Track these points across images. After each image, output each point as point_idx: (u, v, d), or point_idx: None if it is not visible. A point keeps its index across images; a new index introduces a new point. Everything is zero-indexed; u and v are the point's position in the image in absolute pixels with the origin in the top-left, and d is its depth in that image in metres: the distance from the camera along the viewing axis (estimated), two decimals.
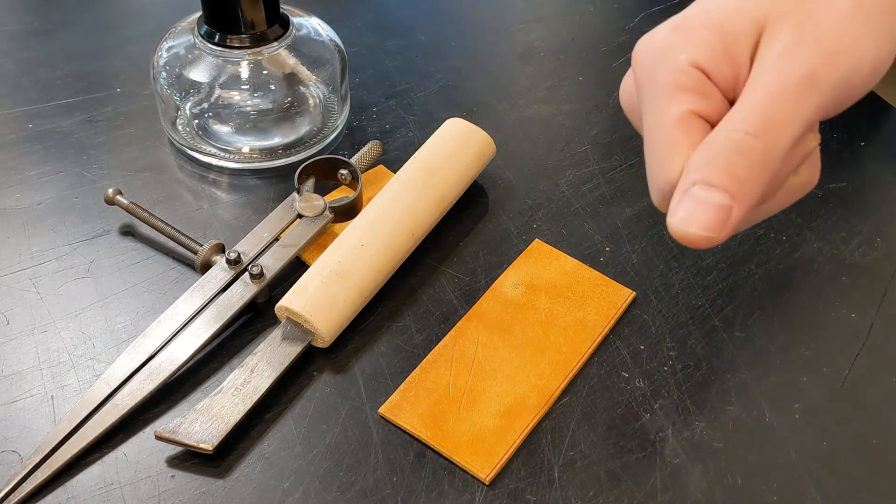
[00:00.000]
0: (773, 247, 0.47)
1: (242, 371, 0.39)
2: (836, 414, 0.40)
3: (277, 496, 0.36)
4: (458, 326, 0.42)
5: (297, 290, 0.41)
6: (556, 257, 0.46)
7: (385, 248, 0.43)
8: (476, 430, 0.38)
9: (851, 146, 0.53)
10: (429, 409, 0.39)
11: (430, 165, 0.46)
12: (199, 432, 0.37)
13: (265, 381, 0.39)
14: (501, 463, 0.37)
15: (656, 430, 0.39)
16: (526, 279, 0.44)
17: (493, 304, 0.43)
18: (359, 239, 0.43)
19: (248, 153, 0.50)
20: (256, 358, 0.39)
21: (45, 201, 0.48)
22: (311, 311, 0.40)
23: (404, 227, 0.44)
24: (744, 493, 0.37)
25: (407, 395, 0.39)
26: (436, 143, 0.47)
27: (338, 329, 0.41)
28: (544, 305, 0.43)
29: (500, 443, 0.38)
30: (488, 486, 0.37)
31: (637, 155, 0.52)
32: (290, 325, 0.40)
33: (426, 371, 0.40)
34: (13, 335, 0.42)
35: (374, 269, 0.42)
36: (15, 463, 0.37)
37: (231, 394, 0.38)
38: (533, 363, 0.41)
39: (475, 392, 0.39)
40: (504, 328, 0.42)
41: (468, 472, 0.37)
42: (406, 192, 0.45)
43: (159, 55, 0.50)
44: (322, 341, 0.40)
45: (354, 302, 0.41)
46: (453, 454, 0.37)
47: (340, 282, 0.41)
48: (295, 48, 0.49)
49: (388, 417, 0.39)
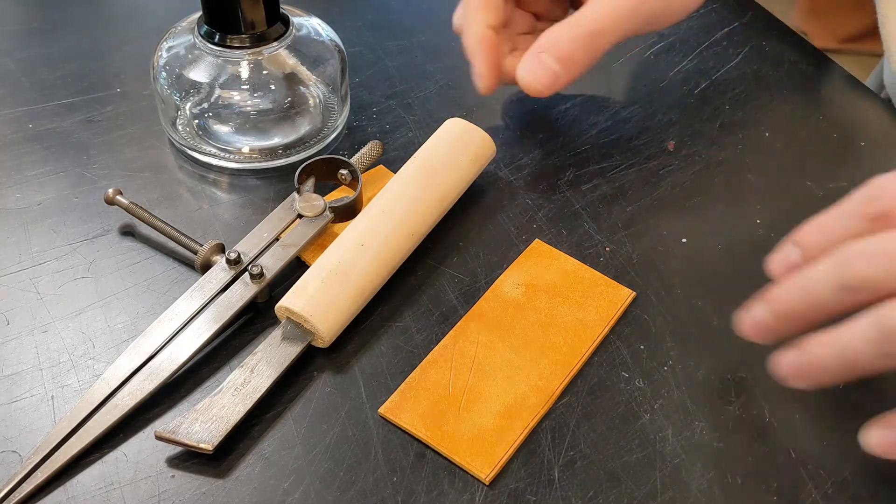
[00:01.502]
0: (772, 246, 0.47)
1: (242, 371, 0.39)
2: (836, 414, 0.40)
3: (277, 496, 0.36)
4: (458, 326, 0.42)
5: (296, 291, 0.41)
6: (556, 257, 0.46)
7: (385, 249, 0.43)
8: (476, 430, 0.38)
9: (851, 146, 0.53)
10: (429, 409, 0.39)
11: (429, 165, 0.46)
12: (199, 432, 0.37)
13: (265, 381, 0.39)
14: (501, 463, 0.37)
15: (656, 430, 0.39)
16: (526, 279, 0.44)
17: (494, 305, 0.43)
18: (359, 239, 0.43)
19: (248, 153, 0.50)
20: (256, 358, 0.39)
21: (45, 201, 0.48)
22: (311, 312, 0.40)
23: (404, 227, 0.44)
24: (744, 493, 0.37)
25: (407, 396, 0.39)
26: (436, 142, 0.47)
27: (338, 329, 0.41)
28: (544, 305, 0.43)
29: (500, 443, 0.38)
30: (488, 486, 0.37)
31: (637, 155, 0.52)
32: (290, 326, 0.40)
33: (426, 371, 0.40)
34: (13, 335, 0.42)
35: (374, 270, 0.42)
36: (15, 463, 0.37)
37: (231, 394, 0.38)
38: (533, 363, 0.41)
39: (475, 392, 0.39)
40: (504, 328, 0.42)
41: (468, 473, 0.37)
42: (406, 192, 0.45)
43: (159, 55, 0.50)
44: (322, 341, 0.40)
45: (354, 302, 0.41)
46: (453, 454, 0.37)
47: (340, 282, 0.41)
48: (295, 48, 0.50)
49: (388, 417, 0.39)
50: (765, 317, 0.35)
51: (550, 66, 0.45)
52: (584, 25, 0.45)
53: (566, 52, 0.45)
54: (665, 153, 0.52)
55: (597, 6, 0.45)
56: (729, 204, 0.49)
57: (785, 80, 0.58)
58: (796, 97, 0.57)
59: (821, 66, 0.60)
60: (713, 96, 0.57)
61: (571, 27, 0.45)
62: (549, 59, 0.45)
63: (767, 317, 0.35)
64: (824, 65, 0.60)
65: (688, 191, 0.50)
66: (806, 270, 0.34)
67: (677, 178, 0.51)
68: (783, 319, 0.35)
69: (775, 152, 0.53)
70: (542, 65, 0.45)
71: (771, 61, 0.60)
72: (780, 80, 0.58)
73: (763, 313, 0.35)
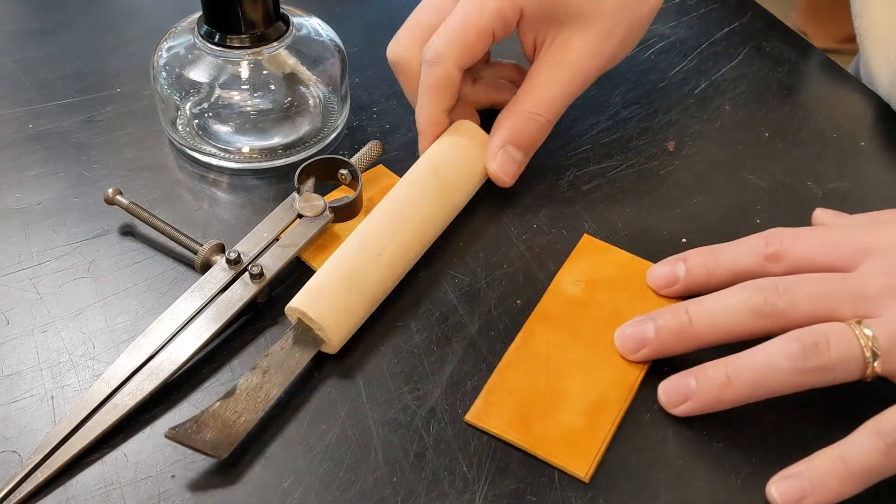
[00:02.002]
0: None
1: (255, 374, 0.38)
2: (836, 414, 0.39)
3: (277, 496, 0.36)
4: (526, 328, 0.42)
5: (312, 294, 0.40)
6: (607, 251, 0.46)
7: (400, 259, 0.43)
8: (565, 429, 0.38)
9: (851, 146, 0.53)
10: (516, 413, 0.38)
11: (443, 170, 0.46)
12: (212, 439, 0.36)
13: (276, 388, 0.38)
14: (597, 459, 0.37)
15: (656, 430, 0.39)
16: (583, 275, 0.44)
17: (556, 304, 0.43)
18: (375, 248, 0.42)
19: (248, 153, 0.50)
20: (268, 361, 0.39)
21: (45, 201, 0.48)
22: (327, 321, 0.39)
23: (420, 237, 0.44)
24: (744, 493, 0.37)
25: (490, 401, 0.39)
26: (446, 146, 0.47)
27: (347, 339, 0.41)
28: (606, 300, 0.43)
29: (591, 440, 0.38)
30: (488, 486, 0.37)
31: (637, 155, 0.52)
32: (302, 329, 0.40)
33: (503, 375, 0.40)
34: (13, 335, 0.42)
35: (389, 280, 0.42)
36: (15, 463, 0.37)
37: (244, 398, 0.38)
38: (606, 359, 0.41)
39: (556, 392, 0.39)
40: (572, 327, 0.42)
41: (566, 473, 0.37)
42: (423, 199, 0.45)
43: (159, 55, 0.50)
44: (330, 349, 0.40)
45: (367, 312, 0.42)
46: (549, 456, 0.37)
47: (357, 292, 0.41)
48: (295, 48, 0.50)
49: (475, 424, 0.38)
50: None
51: (517, 158, 0.47)
52: (545, 113, 0.46)
53: (529, 142, 0.47)
54: (665, 153, 0.52)
55: (548, 88, 0.46)
56: (729, 204, 0.49)
57: (785, 80, 0.58)
58: (796, 97, 0.57)
59: (821, 66, 0.60)
60: (713, 96, 0.57)
61: (532, 118, 0.46)
62: (515, 151, 0.47)
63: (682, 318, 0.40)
64: (824, 65, 0.60)
65: (688, 191, 0.50)
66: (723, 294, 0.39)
67: (677, 178, 0.51)
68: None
69: (775, 152, 0.53)
70: (511, 159, 0.47)
71: (771, 61, 0.60)
72: (780, 80, 0.58)
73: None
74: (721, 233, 0.47)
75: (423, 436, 0.38)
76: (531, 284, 0.45)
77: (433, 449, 0.38)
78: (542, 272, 0.45)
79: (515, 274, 0.45)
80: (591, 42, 0.46)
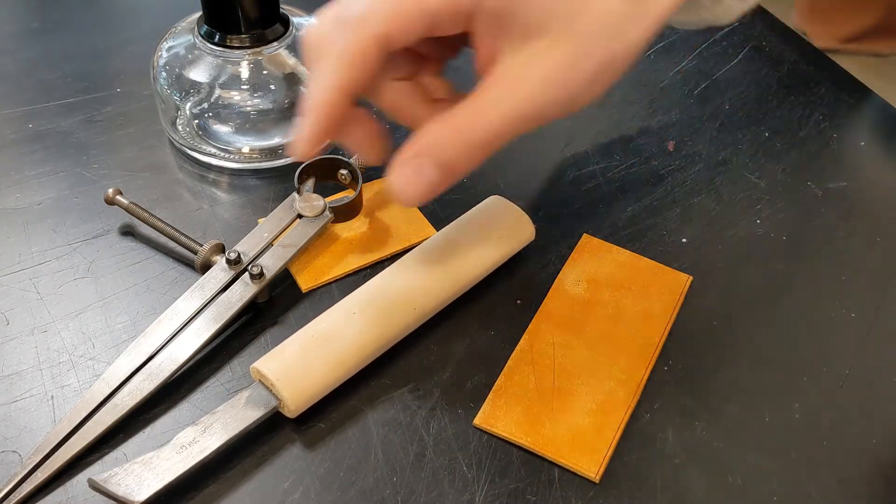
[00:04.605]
0: (772, 246, 0.47)
1: (194, 430, 0.36)
2: (836, 414, 0.40)
3: (277, 496, 0.36)
4: (531, 329, 0.42)
5: (273, 353, 0.38)
6: (608, 250, 0.46)
7: (379, 320, 0.39)
8: (574, 430, 0.38)
9: (851, 146, 0.53)
10: (523, 415, 0.38)
11: (452, 238, 0.43)
12: (130, 485, 0.34)
13: (214, 441, 0.36)
14: (606, 459, 0.37)
15: (656, 430, 0.39)
16: (585, 275, 0.44)
17: (560, 303, 0.43)
18: (353, 306, 0.40)
19: (248, 153, 0.50)
20: (214, 417, 0.37)
21: (45, 201, 0.48)
22: (279, 377, 0.37)
23: (407, 300, 0.40)
24: (744, 493, 0.37)
25: (498, 404, 0.39)
26: (467, 218, 0.44)
27: (308, 401, 0.38)
28: (609, 299, 0.43)
29: (600, 440, 0.38)
30: (488, 486, 0.37)
31: (637, 155, 0.52)
32: (260, 388, 0.38)
33: (510, 377, 0.40)
34: (13, 335, 0.42)
35: (362, 342, 0.39)
36: (15, 463, 0.37)
37: (176, 451, 0.36)
38: (612, 358, 0.41)
39: (563, 393, 0.39)
40: (576, 326, 0.42)
41: (568, 472, 0.37)
42: (418, 263, 0.42)
43: (159, 55, 0.50)
44: (288, 411, 0.37)
45: (333, 373, 0.38)
46: (558, 457, 0.37)
47: (321, 349, 0.38)
48: (295, 48, 0.50)
49: (484, 428, 0.38)
50: None
51: (428, 176, 0.35)
52: (482, 132, 0.34)
53: (451, 163, 0.35)
54: (665, 153, 0.53)
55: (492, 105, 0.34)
56: (728, 204, 0.49)
57: (785, 80, 0.58)
58: (796, 97, 0.57)
59: (821, 66, 0.60)
60: (713, 96, 0.57)
61: (462, 131, 0.34)
62: (430, 167, 0.34)
63: None
64: (824, 65, 0.60)
65: (688, 191, 0.50)
66: None
67: (677, 178, 0.51)
68: None
69: (775, 152, 0.53)
70: (420, 174, 0.35)
71: (771, 61, 0.60)
72: (780, 80, 0.58)
73: None
74: (721, 233, 0.48)
75: (423, 436, 0.38)
76: (531, 284, 0.45)
77: (433, 449, 0.38)
78: (542, 272, 0.45)
79: (515, 274, 0.45)
80: (556, 65, 0.33)
